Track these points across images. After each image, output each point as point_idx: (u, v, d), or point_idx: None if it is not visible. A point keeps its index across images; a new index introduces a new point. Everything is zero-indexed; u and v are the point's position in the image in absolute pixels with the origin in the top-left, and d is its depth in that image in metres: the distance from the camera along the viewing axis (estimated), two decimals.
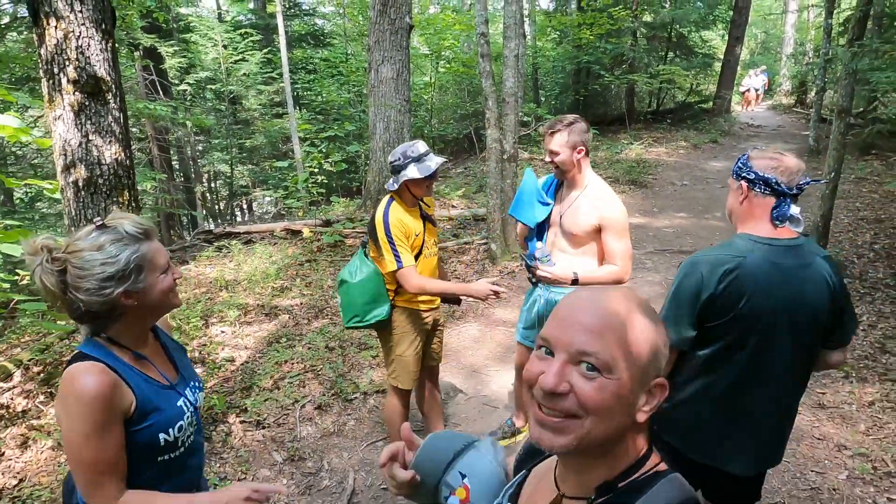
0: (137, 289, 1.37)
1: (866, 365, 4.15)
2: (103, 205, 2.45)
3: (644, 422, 0.83)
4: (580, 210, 2.63)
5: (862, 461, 3.14)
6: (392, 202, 2.75)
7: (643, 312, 0.82)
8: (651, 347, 0.81)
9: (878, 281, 5.63)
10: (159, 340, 1.58)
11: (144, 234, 1.40)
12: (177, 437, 1.45)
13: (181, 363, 1.59)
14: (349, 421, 3.65)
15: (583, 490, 0.85)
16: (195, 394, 1.57)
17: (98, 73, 2.36)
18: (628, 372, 0.78)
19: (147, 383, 1.42)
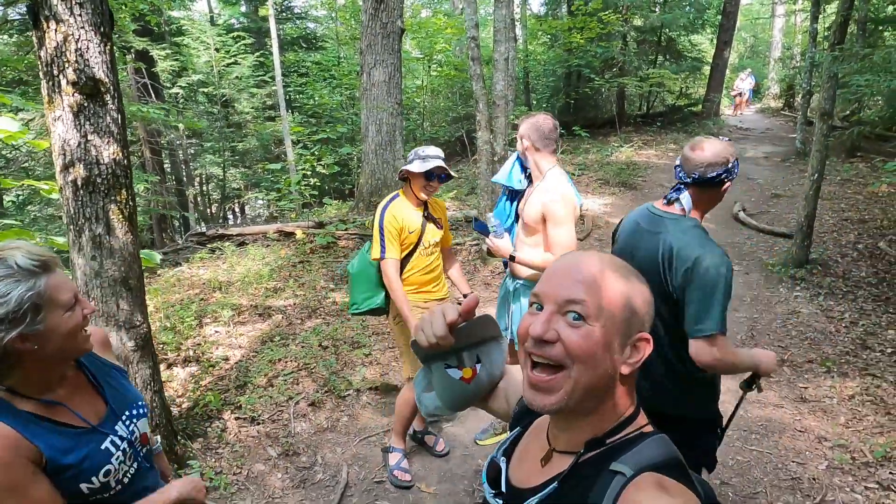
0: (34, 331, 1.18)
1: (847, 360, 4.25)
2: (101, 203, 2.50)
3: (629, 377, 0.88)
4: (532, 200, 2.76)
5: (841, 452, 3.24)
6: (397, 197, 2.98)
7: (621, 272, 0.88)
8: (629, 301, 0.86)
9: (860, 280, 5.76)
10: (83, 371, 1.38)
11: (42, 266, 1.19)
12: (104, 483, 1.31)
13: (112, 391, 1.41)
14: (342, 417, 3.71)
15: (573, 445, 0.89)
16: (132, 424, 1.41)
17: (97, 75, 2.41)
18: (611, 321, 0.83)
19: (58, 434, 1.25)
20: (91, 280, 2.57)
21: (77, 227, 2.51)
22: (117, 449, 1.34)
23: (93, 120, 2.43)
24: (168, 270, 6.92)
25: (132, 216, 2.64)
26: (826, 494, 2.93)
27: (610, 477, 0.81)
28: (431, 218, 3.01)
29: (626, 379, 0.87)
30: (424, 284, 3.04)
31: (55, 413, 1.27)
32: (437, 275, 3.10)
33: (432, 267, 3.06)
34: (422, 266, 3.00)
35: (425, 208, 3.00)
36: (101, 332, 1.52)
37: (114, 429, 1.36)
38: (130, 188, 2.63)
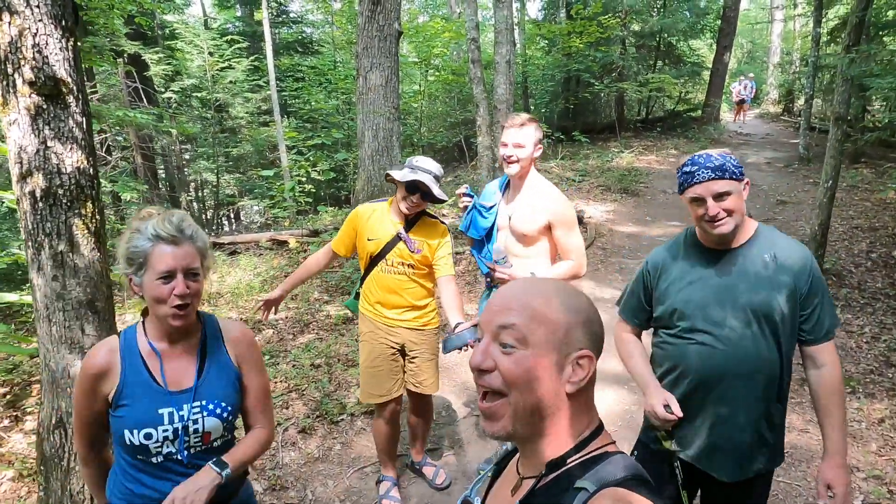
0: (138, 282, 1.43)
1: (873, 380, 4.01)
2: (63, 217, 2.24)
3: (579, 396, 0.87)
4: (530, 210, 2.61)
5: (876, 484, 2.98)
6: (382, 201, 2.79)
7: (559, 293, 0.89)
8: (567, 320, 0.86)
9: (877, 291, 5.52)
10: (202, 347, 1.53)
11: (157, 237, 1.41)
12: (143, 444, 1.41)
13: (207, 378, 1.51)
14: (335, 445, 3.44)
15: (536, 469, 0.90)
16: (199, 414, 1.47)
17: (57, 74, 2.16)
18: (544, 343, 0.84)
19: (139, 377, 1.44)
20: (53, 303, 2.30)
21: (36, 244, 2.25)
22: (170, 423, 1.43)
23: (53, 124, 2.17)
24: None
25: (99, 231, 2.37)
26: None
27: (574, 494, 0.81)
28: (404, 237, 2.67)
29: (576, 397, 0.87)
30: (385, 304, 2.74)
31: (152, 359, 1.46)
32: (407, 301, 2.74)
33: (403, 293, 2.73)
34: (383, 284, 2.72)
35: (408, 225, 2.70)
36: (242, 334, 1.62)
37: (180, 404, 1.45)
38: (97, 200, 2.37)
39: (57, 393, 2.40)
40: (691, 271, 1.81)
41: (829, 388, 1.72)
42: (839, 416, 1.71)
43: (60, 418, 2.42)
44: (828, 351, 1.75)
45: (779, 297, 1.69)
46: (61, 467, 2.47)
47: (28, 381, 4.06)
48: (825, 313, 1.73)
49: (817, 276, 1.72)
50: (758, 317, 1.70)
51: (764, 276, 1.71)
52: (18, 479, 3.02)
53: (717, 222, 1.68)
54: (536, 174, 2.69)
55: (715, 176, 1.67)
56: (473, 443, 3.50)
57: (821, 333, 1.73)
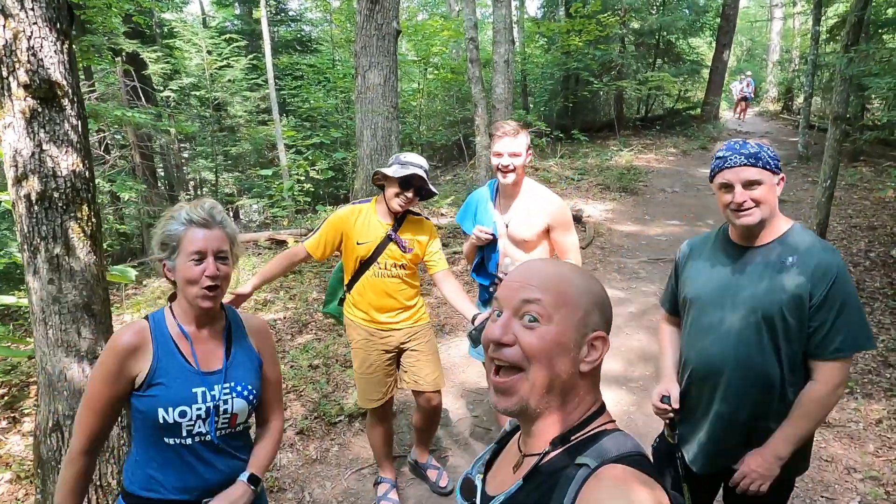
0: (171, 265, 1.50)
1: (870, 380, 4.01)
2: (59, 220, 2.24)
3: (589, 376, 0.90)
4: (526, 215, 2.61)
5: (873, 485, 2.99)
6: (367, 202, 2.71)
7: (577, 274, 0.92)
8: (587, 301, 0.89)
9: (875, 290, 5.52)
10: (227, 333, 1.59)
11: (190, 221, 1.48)
12: (178, 422, 1.46)
13: (234, 362, 1.57)
14: (333, 447, 3.43)
15: (540, 447, 0.91)
16: (229, 395, 1.52)
17: (52, 77, 2.15)
18: (566, 321, 0.87)
19: (171, 357, 1.48)
20: (49, 306, 2.30)
21: (32, 247, 2.24)
22: (203, 402, 1.48)
23: (48, 127, 2.16)
24: (154, 280, 6.66)
25: (95, 234, 2.36)
26: None
27: (575, 469, 0.83)
28: (395, 238, 2.64)
29: (586, 377, 0.89)
30: (379, 310, 2.70)
31: (182, 343, 1.51)
32: (400, 303, 2.72)
33: (396, 295, 2.70)
34: (377, 289, 2.67)
35: (396, 224, 2.66)
36: (262, 324, 1.71)
37: (211, 385, 1.50)
38: (93, 203, 2.36)
39: (53, 396, 2.40)
40: (710, 264, 1.81)
41: (807, 402, 1.65)
42: (799, 429, 1.66)
43: (57, 421, 2.42)
44: (828, 370, 1.63)
45: (785, 302, 1.62)
46: (58, 470, 2.47)
47: (26, 383, 4.05)
48: (839, 330, 1.60)
49: (839, 289, 1.60)
50: (757, 319, 1.66)
51: (775, 279, 1.64)
52: (16, 481, 3.02)
53: (742, 211, 1.63)
54: (528, 180, 2.69)
55: (748, 163, 1.62)
56: (472, 445, 3.50)
57: (826, 350, 1.61)
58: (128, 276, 3.34)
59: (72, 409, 2.40)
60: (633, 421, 3.61)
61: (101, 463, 2.47)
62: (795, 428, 1.66)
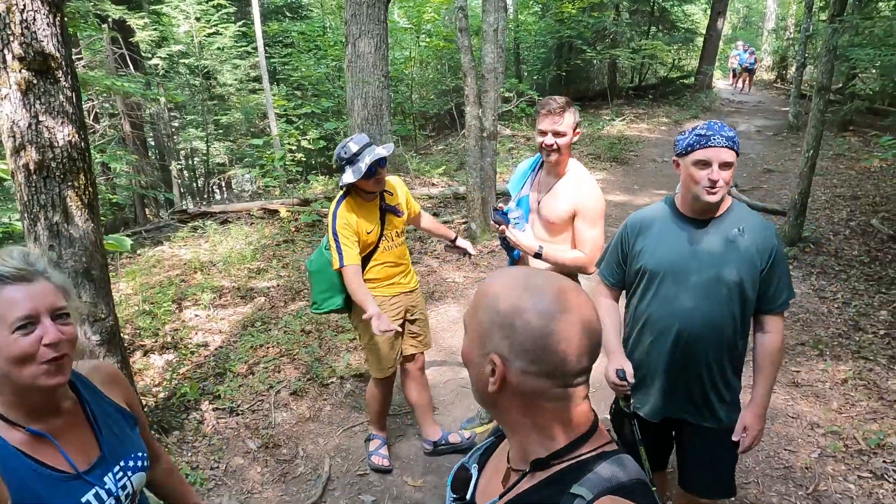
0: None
1: (840, 343, 4.19)
2: (57, 189, 2.33)
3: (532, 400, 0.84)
4: (559, 197, 2.53)
5: (834, 439, 3.18)
6: (344, 198, 2.70)
7: (504, 292, 0.85)
8: (488, 321, 0.84)
9: (853, 258, 5.69)
10: (84, 406, 1.22)
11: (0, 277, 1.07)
12: None
13: (110, 436, 1.24)
14: (325, 406, 3.60)
15: (522, 463, 0.88)
16: (125, 477, 1.23)
17: (46, 49, 2.21)
18: (469, 335, 0.88)
19: (37, 476, 1.10)
20: None
21: (32, 215, 2.34)
22: (105, 501, 1.18)
23: (44, 99, 2.24)
24: (148, 250, 6.74)
25: (93, 203, 2.46)
26: (819, 484, 2.87)
27: (569, 500, 0.79)
28: (389, 208, 2.77)
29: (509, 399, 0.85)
30: (391, 276, 2.86)
31: (40, 449, 1.12)
32: (405, 265, 2.92)
33: (399, 258, 2.87)
34: (387, 260, 2.82)
35: (381, 199, 2.77)
36: (109, 369, 1.35)
37: (102, 479, 1.19)
38: (89, 172, 2.45)
39: None
40: (667, 236, 1.94)
41: (769, 351, 1.94)
42: (769, 376, 1.96)
43: None
44: (775, 321, 1.94)
45: (742, 268, 1.84)
46: None
47: None
48: (782, 287, 1.90)
49: (780, 253, 1.88)
50: (721, 284, 1.85)
51: (732, 248, 1.85)
52: None
53: (714, 189, 1.79)
54: (574, 161, 2.59)
55: (728, 145, 1.78)
56: (457, 404, 3.67)
57: (775, 305, 1.91)
58: (123, 245, 3.44)
59: None
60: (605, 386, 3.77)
61: None
62: (768, 377, 1.95)
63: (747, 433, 1.96)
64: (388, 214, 2.77)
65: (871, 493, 2.80)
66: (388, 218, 2.77)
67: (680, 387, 1.95)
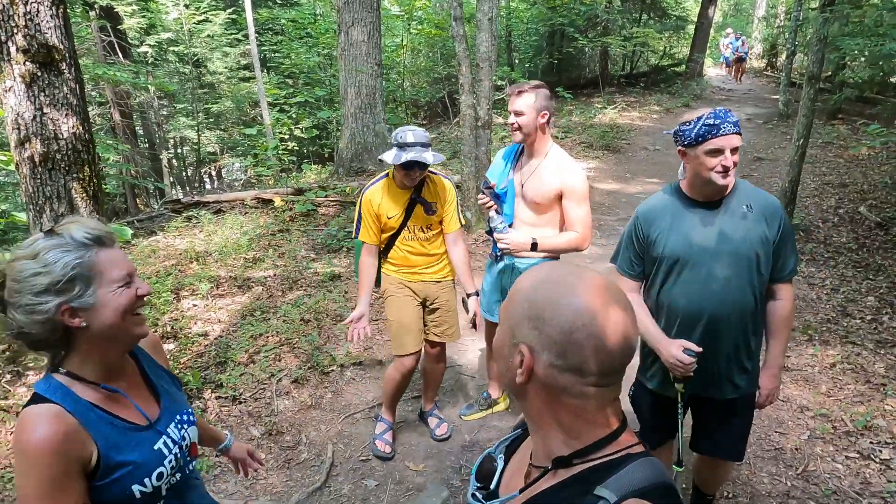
0: (84, 305, 1.15)
1: (828, 328, 4.29)
2: (62, 181, 2.35)
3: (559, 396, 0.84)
4: (542, 177, 2.67)
5: (822, 421, 3.28)
6: (383, 178, 2.82)
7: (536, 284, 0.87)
8: (520, 312, 0.86)
9: (841, 245, 5.79)
10: (139, 368, 1.36)
11: (95, 240, 1.18)
12: (157, 486, 1.27)
13: (166, 394, 1.37)
14: (326, 394, 3.65)
15: (544, 460, 0.89)
16: (183, 430, 1.36)
17: (50, 41, 2.22)
18: (502, 325, 0.91)
19: (114, 427, 1.21)
20: None
21: (37, 207, 2.36)
22: (170, 452, 1.31)
23: (48, 91, 2.25)
24: (143, 240, 6.72)
25: (97, 194, 2.48)
26: (808, 464, 2.97)
27: (593, 502, 0.78)
28: (422, 201, 2.80)
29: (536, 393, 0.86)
30: (413, 266, 2.92)
31: (115, 404, 1.24)
32: (433, 256, 2.95)
33: (426, 249, 2.91)
34: (409, 248, 2.88)
35: (416, 190, 2.81)
36: (153, 337, 1.47)
37: (167, 430, 1.32)
38: (94, 163, 2.47)
39: None
40: (681, 222, 2.01)
41: (782, 316, 2.07)
42: (784, 338, 2.10)
43: None
44: (787, 288, 2.07)
45: (757, 242, 1.94)
46: None
47: None
48: (790, 257, 2.02)
49: (787, 224, 1.99)
50: (740, 261, 1.95)
51: (744, 225, 1.95)
52: None
53: (728, 174, 1.88)
54: (552, 144, 2.73)
55: (735, 131, 1.86)
56: (456, 391, 3.74)
57: (785, 273, 2.03)
58: (124, 234, 3.44)
59: None
60: None
61: None
62: (782, 339, 2.10)
63: (762, 391, 2.11)
64: (417, 206, 2.79)
65: (857, 472, 2.90)
66: (417, 209, 2.80)
67: (708, 367, 2.03)
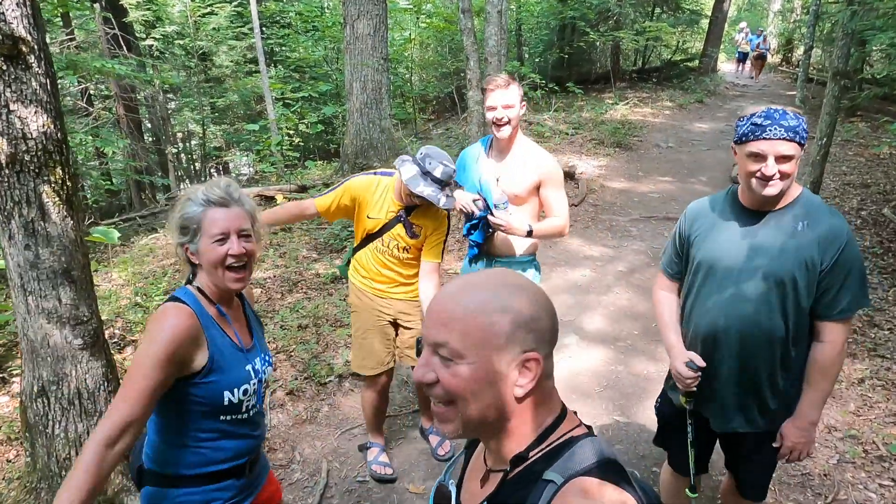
0: (193, 249, 1.48)
1: (855, 340, 4.06)
2: (32, 184, 2.16)
3: (535, 394, 0.86)
4: (518, 169, 2.62)
5: (852, 444, 3.06)
6: (388, 175, 2.63)
7: (499, 293, 0.84)
8: (506, 328, 0.82)
9: (865, 249, 5.54)
10: (243, 308, 1.66)
11: (208, 201, 1.47)
12: (241, 400, 1.51)
13: (257, 334, 1.66)
14: (323, 407, 3.47)
15: (501, 463, 0.90)
16: (264, 366, 1.62)
17: (16, 32, 2.03)
18: (481, 354, 0.82)
19: (223, 340, 1.50)
20: (26, 272, 2.25)
21: (5, 213, 2.18)
22: (254, 376, 1.56)
23: (14, 86, 2.06)
24: (142, 237, 6.57)
25: (71, 198, 2.29)
26: (838, 492, 2.75)
27: (542, 486, 0.81)
28: (407, 223, 2.57)
29: (529, 396, 0.86)
30: (376, 280, 2.70)
31: (225, 324, 1.54)
32: (405, 278, 2.71)
33: (398, 269, 2.68)
34: (380, 261, 2.66)
35: (408, 211, 2.58)
36: (250, 288, 1.75)
37: (253, 360, 1.59)
38: (68, 165, 2.28)
39: (37, 362, 2.38)
40: (722, 228, 1.80)
41: (823, 364, 1.75)
42: (817, 389, 1.78)
43: (42, 387, 2.41)
44: (835, 330, 1.73)
45: (796, 266, 1.67)
46: (46, 434, 2.48)
47: (14, 342, 4.03)
48: (845, 293, 1.69)
49: (847, 255, 1.66)
50: (768, 283, 1.71)
51: (788, 244, 1.69)
52: (6, 442, 3.04)
53: (769, 183, 1.63)
54: (521, 134, 2.69)
55: (786, 136, 1.60)
56: None
57: (833, 311, 1.71)
58: (110, 237, 3.28)
59: (56, 375, 2.39)
60: (619, 380, 3.65)
61: None
62: (817, 391, 1.77)
63: (784, 443, 1.84)
64: (398, 225, 2.59)
65: (893, 502, 2.68)
66: (397, 228, 2.59)
67: (719, 391, 1.85)
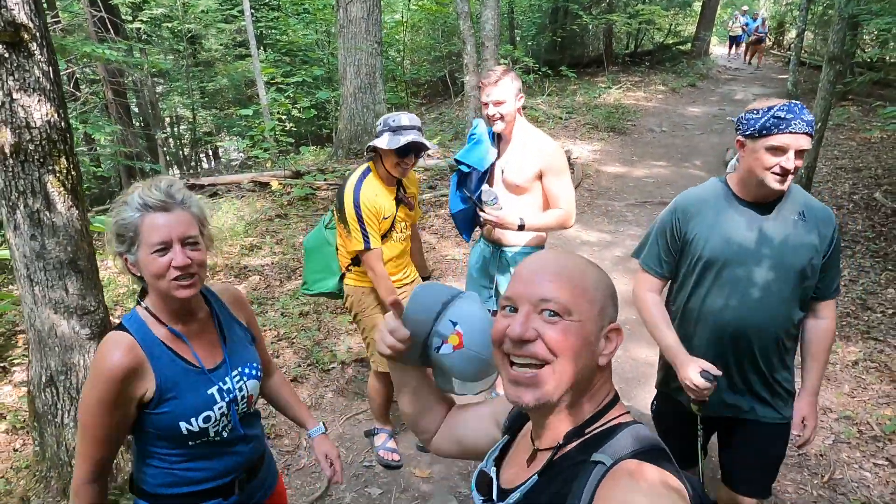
0: (133, 260, 1.32)
1: (848, 323, 4.13)
2: (36, 174, 2.14)
3: (606, 368, 0.91)
4: (520, 159, 2.60)
5: (847, 424, 3.13)
6: (368, 174, 2.57)
7: (589, 267, 0.92)
8: (602, 294, 0.89)
9: (857, 233, 5.61)
10: (214, 318, 1.48)
11: (146, 205, 1.29)
12: (203, 428, 1.38)
13: (232, 345, 1.49)
14: (327, 393, 3.49)
15: (553, 441, 0.90)
16: (241, 381, 1.46)
17: (18, 19, 2.00)
18: (586, 314, 0.86)
19: (175, 366, 1.36)
20: (32, 262, 2.23)
21: (10, 203, 2.16)
22: (221, 399, 1.41)
23: (17, 74, 2.03)
24: None
25: (76, 188, 2.27)
26: (834, 472, 2.82)
27: (591, 467, 0.82)
28: (405, 200, 2.62)
29: (603, 369, 0.90)
30: (394, 273, 2.71)
31: (181, 344, 1.38)
32: (407, 259, 2.80)
33: (404, 251, 2.74)
34: (394, 254, 2.67)
35: (399, 187, 2.62)
36: (236, 292, 1.60)
37: (223, 379, 1.43)
38: (72, 154, 2.26)
39: (45, 352, 2.38)
40: (725, 222, 1.80)
41: (822, 337, 1.87)
42: (822, 363, 1.89)
43: (51, 377, 2.41)
44: (831, 306, 1.88)
45: (807, 254, 1.74)
46: (55, 423, 2.48)
47: (13, 331, 4.01)
48: (836, 273, 1.84)
49: (838, 239, 1.80)
50: (787, 272, 1.75)
51: (794, 235, 1.75)
52: (12, 431, 3.04)
53: (786, 177, 1.65)
54: (523, 122, 2.67)
55: (807, 131, 1.62)
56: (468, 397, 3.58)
57: (830, 291, 1.85)
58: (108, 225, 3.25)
59: (64, 365, 2.39)
60: (620, 365, 3.70)
61: None
62: (823, 364, 1.89)
63: (798, 417, 1.89)
64: (403, 205, 2.64)
65: (887, 481, 2.75)
66: (402, 208, 2.64)
67: (738, 381, 1.86)
